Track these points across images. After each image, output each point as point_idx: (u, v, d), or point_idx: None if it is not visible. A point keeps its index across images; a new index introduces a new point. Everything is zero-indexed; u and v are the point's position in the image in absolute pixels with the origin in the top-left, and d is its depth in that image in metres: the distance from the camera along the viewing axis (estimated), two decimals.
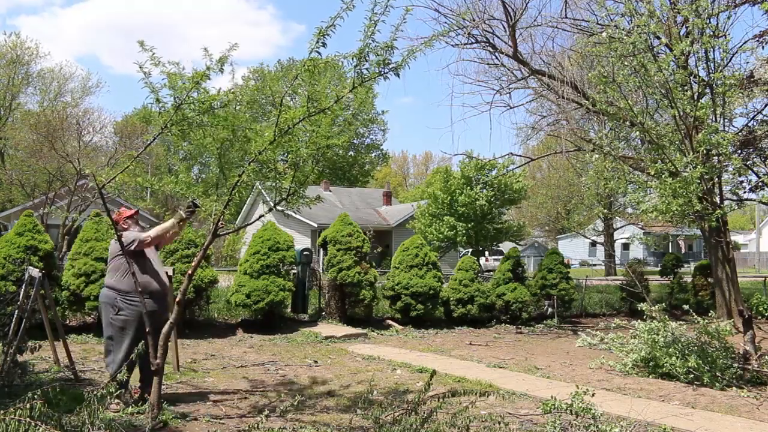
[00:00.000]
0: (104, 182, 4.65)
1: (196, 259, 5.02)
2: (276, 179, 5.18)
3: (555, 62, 12.73)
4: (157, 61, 4.48)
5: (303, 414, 5.17)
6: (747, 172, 10.84)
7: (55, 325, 6.68)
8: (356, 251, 11.46)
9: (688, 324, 7.96)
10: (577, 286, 14.24)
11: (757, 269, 41.35)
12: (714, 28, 9.77)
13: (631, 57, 8.67)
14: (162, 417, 4.74)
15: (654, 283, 15.85)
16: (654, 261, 43.01)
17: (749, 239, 55.23)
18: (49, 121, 23.67)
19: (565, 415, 4.43)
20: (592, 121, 15.35)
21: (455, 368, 7.61)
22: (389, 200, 39.25)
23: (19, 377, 5.57)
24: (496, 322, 12.39)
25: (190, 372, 7.06)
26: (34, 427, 3.30)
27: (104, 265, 9.49)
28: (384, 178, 62.16)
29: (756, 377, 6.98)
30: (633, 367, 7.64)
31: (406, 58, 4.45)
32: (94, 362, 7.44)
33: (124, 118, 42.10)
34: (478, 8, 12.48)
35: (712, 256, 11.67)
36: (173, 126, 4.58)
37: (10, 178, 25.90)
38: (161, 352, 4.84)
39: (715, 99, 9.33)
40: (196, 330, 10.05)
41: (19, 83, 36.24)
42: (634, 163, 11.06)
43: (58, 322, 6.69)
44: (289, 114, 4.55)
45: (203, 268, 9.92)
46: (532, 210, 40.27)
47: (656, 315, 7.73)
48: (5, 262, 8.90)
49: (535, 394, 6.16)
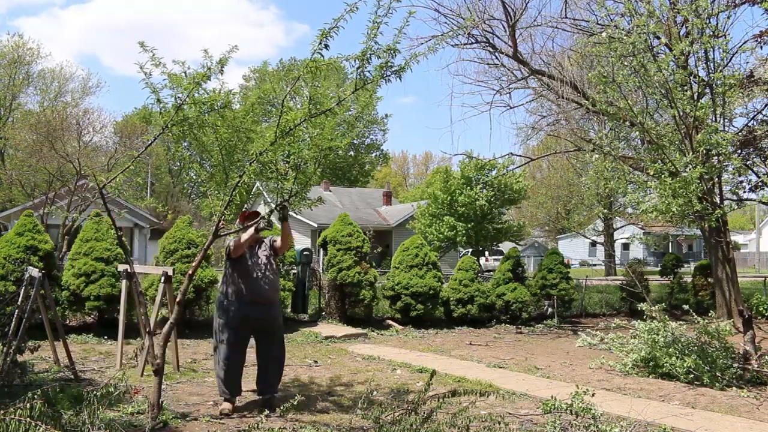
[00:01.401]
0: (105, 182, 4.66)
1: (197, 259, 5.01)
2: (278, 180, 5.19)
3: (555, 62, 12.73)
4: (158, 61, 4.48)
5: (303, 414, 5.17)
6: (747, 172, 10.84)
7: (55, 325, 6.68)
8: (356, 251, 11.46)
9: (688, 324, 7.96)
10: (577, 286, 14.24)
11: (757, 269, 41.34)
12: (714, 28, 9.77)
13: (631, 57, 8.66)
14: (162, 417, 4.74)
15: (654, 283, 15.84)
16: (654, 261, 43.01)
17: (749, 239, 55.22)
18: (49, 121, 23.67)
19: (565, 415, 4.44)
20: (592, 121, 15.35)
21: (455, 368, 7.61)
22: (389, 200, 39.26)
23: (19, 377, 5.56)
24: (496, 322, 12.39)
25: (190, 372, 7.06)
26: (34, 427, 3.30)
27: (104, 265, 9.51)
28: (384, 178, 62.15)
29: (756, 377, 6.98)
30: (633, 367, 7.64)
31: (409, 62, 4.48)
32: (94, 362, 7.44)
33: (124, 117, 42.16)
34: (478, 8, 12.49)
35: (712, 256, 11.67)
36: (174, 126, 4.59)
37: (10, 178, 25.91)
38: (161, 352, 4.84)
39: (714, 99, 9.33)
40: (196, 330, 10.04)
41: (19, 83, 36.26)
42: (634, 163, 11.05)
43: (58, 322, 6.69)
44: (291, 115, 4.55)
45: (203, 268, 9.92)
46: (532, 210, 40.25)
47: (656, 315, 7.72)
48: (5, 262, 8.90)
49: (535, 394, 6.17)
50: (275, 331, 5.50)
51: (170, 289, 6.87)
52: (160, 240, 10.67)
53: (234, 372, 5.27)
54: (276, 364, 5.49)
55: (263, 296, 5.32)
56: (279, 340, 5.54)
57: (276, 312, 5.49)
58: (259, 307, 5.29)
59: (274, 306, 5.47)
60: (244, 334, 5.35)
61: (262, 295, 5.31)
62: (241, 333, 5.32)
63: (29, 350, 5.74)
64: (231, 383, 5.26)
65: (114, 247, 9.61)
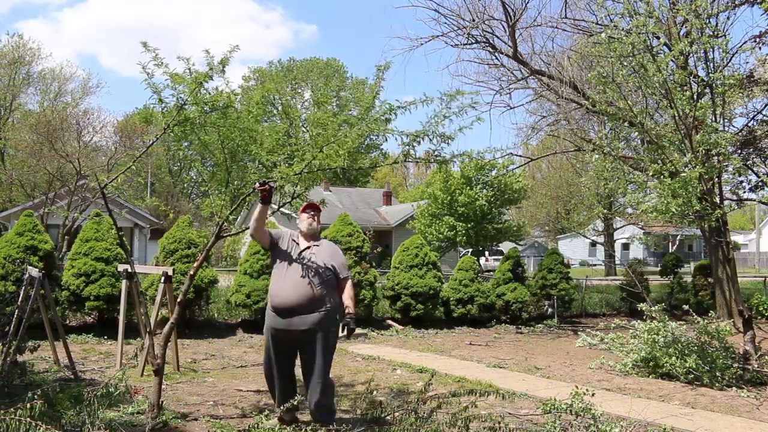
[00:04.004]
0: (106, 182, 4.66)
1: (198, 259, 5.01)
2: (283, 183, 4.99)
3: (555, 62, 12.72)
4: (161, 61, 4.49)
5: (303, 414, 5.17)
6: (747, 172, 10.85)
7: (55, 325, 6.68)
8: (356, 251, 11.46)
9: (688, 324, 7.96)
10: (577, 286, 14.25)
11: (757, 269, 41.34)
12: (713, 28, 9.78)
13: (631, 57, 8.67)
14: (162, 417, 4.74)
15: (654, 283, 15.84)
16: (654, 261, 43.00)
17: (749, 239, 55.22)
18: (49, 122, 23.66)
19: (565, 415, 4.44)
20: (592, 121, 15.34)
21: (455, 368, 7.61)
22: (389, 200, 39.26)
23: (19, 377, 5.56)
24: (496, 322, 12.39)
25: (190, 372, 7.06)
26: (35, 427, 3.30)
27: (104, 265, 9.51)
28: (384, 178, 62.10)
29: (756, 377, 6.98)
30: (633, 367, 7.64)
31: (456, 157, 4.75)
32: (94, 362, 7.44)
33: (125, 117, 42.18)
34: (478, 8, 12.48)
35: (712, 256, 11.67)
36: (175, 127, 4.59)
37: (10, 178, 25.91)
38: (161, 352, 4.84)
39: (714, 99, 9.34)
40: (196, 330, 10.05)
41: (19, 83, 36.28)
42: (634, 163, 11.05)
43: (58, 322, 6.69)
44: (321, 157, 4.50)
45: (203, 268, 9.92)
46: (532, 210, 40.23)
47: (656, 315, 7.72)
48: (5, 262, 8.90)
49: (535, 394, 6.17)
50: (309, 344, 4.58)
51: (170, 289, 6.87)
52: (160, 240, 10.67)
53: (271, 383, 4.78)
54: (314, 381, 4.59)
55: (291, 303, 4.49)
56: (319, 353, 4.57)
57: (308, 322, 4.49)
58: (284, 317, 4.52)
59: (302, 315, 4.48)
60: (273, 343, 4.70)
61: (289, 302, 4.50)
62: (270, 342, 4.70)
63: (29, 350, 5.73)
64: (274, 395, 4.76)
65: (114, 247, 9.62)
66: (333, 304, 4.59)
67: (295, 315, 4.46)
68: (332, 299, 4.59)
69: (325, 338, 4.54)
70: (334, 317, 4.62)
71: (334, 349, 4.70)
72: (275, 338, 4.61)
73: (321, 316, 4.50)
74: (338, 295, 4.67)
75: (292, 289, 4.47)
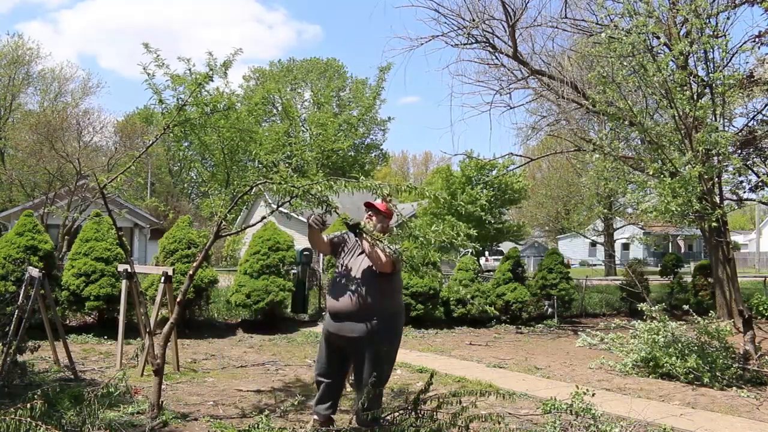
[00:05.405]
0: (105, 182, 4.66)
1: (198, 259, 5.02)
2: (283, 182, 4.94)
3: (555, 62, 12.72)
4: (162, 62, 4.49)
5: (303, 414, 5.17)
6: (747, 172, 10.83)
7: (55, 325, 6.68)
8: None
9: (688, 324, 7.96)
10: (577, 286, 14.24)
11: (757, 269, 41.34)
12: (713, 28, 9.77)
13: (631, 57, 8.66)
14: (162, 417, 4.74)
15: (654, 283, 15.85)
16: (654, 261, 43.00)
17: (749, 239, 55.22)
18: (49, 122, 23.69)
19: (565, 415, 4.44)
20: (592, 121, 15.33)
21: (455, 368, 7.61)
22: None
23: (19, 377, 5.57)
24: (496, 322, 12.39)
25: (190, 372, 7.06)
26: (35, 427, 3.31)
27: (104, 265, 9.51)
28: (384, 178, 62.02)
29: (756, 377, 6.98)
30: (633, 367, 7.64)
31: None
32: (94, 362, 7.44)
33: (125, 117, 42.17)
34: (478, 8, 12.47)
35: (712, 257, 11.66)
36: (175, 127, 4.60)
37: (10, 178, 25.92)
38: (161, 352, 4.84)
39: (714, 99, 9.33)
40: (196, 330, 10.05)
41: (19, 83, 36.28)
42: (634, 163, 11.04)
43: (58, 322, 6.69)
44: None
45: (203, 268, 9.92)
46: (532, 210, 40.24)
47: (656, 315, 7.72)
48: (5, 262, 8.91)
49: (535, 394, 6.17)
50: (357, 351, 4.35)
51: (170, 289, 6.87)
52: (160, 240, 10.67)
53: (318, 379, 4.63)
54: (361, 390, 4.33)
55: (339, 308, 4.31)
56: (367, 364, 4.29)
57: (356, 330, 4.25)
58: (335, 321, 4.34)
59: (352, 322, 4.25)
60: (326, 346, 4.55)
61: (338, 307, 4.32)
62: (323, 343, 4.57)
63: (29, 350, 5.74)
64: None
65: (114, 247, 9.62)
66: (387, 311, 4.30)
67: (344, 320, 4.27)
68: (386, 305, 4.30)
69: (374, 349, 4.24)
70: (390, 325, 4.32)
71: (386, 360, 4.35)
72: (327, 340, 4.48)
73: (371, 326, 4.22)
74: (396, 295, 4.47)
75: (342, 295, 4.29)
